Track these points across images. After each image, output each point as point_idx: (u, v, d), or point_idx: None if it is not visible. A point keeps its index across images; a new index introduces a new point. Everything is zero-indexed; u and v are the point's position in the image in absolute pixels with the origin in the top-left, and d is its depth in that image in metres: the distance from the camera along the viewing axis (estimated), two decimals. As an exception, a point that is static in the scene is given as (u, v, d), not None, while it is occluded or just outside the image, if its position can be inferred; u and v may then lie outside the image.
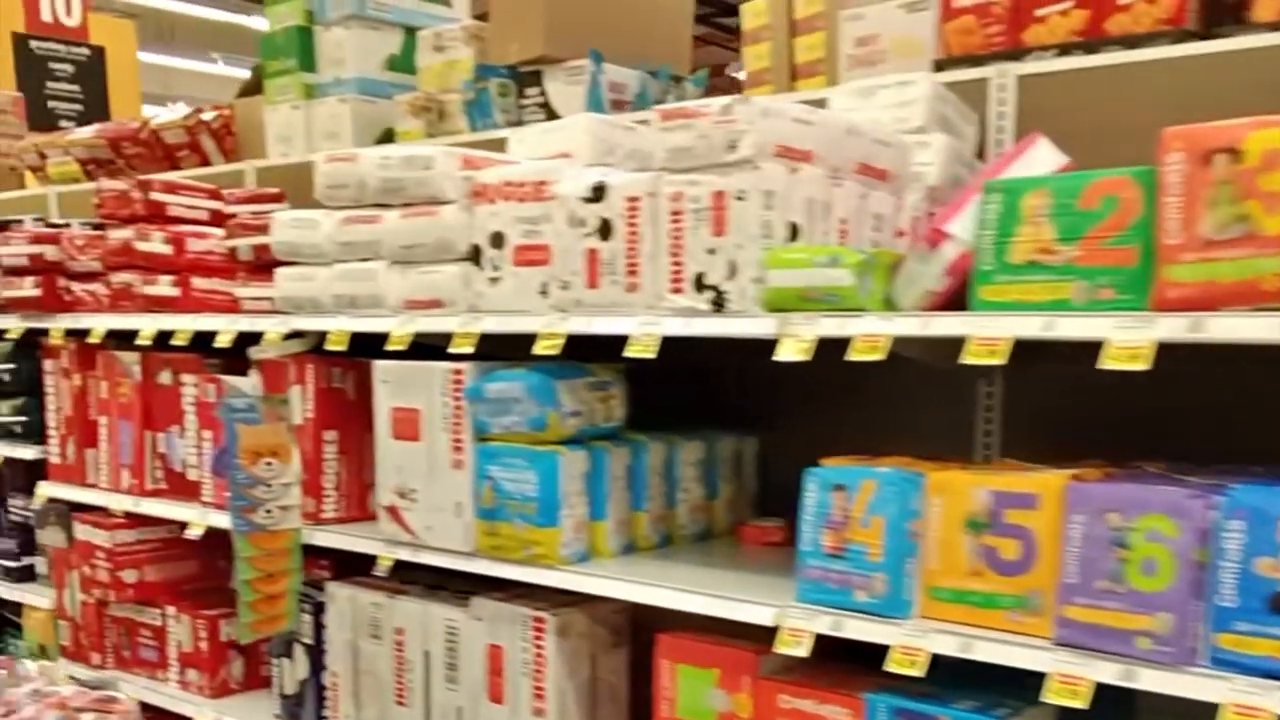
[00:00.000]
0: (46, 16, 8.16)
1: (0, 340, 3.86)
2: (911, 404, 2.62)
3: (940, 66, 2.65)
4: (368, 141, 4.08)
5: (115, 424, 3.61)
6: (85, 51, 8.32)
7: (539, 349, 2.45)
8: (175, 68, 14.98)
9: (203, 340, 3.25)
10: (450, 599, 2.90)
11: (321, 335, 2.93)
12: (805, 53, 3.24)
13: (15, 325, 3.78)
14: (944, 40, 2.70)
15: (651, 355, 2.28)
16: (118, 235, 3.41)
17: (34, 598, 4.07)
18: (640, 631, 2.75)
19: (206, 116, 4.72)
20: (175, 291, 3.26)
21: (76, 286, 3.63)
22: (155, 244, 3.25)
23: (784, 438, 2.94)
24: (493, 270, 2.58)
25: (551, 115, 3.54)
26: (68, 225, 3.82)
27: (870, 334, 2.04)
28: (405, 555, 2.83)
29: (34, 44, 8.09)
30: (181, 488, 3.48)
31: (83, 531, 3.70)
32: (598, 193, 2.36)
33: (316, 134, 4.18)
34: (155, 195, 3.34)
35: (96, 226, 3.80)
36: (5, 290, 3.73)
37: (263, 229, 3.00)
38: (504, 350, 2.61)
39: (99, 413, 3.66)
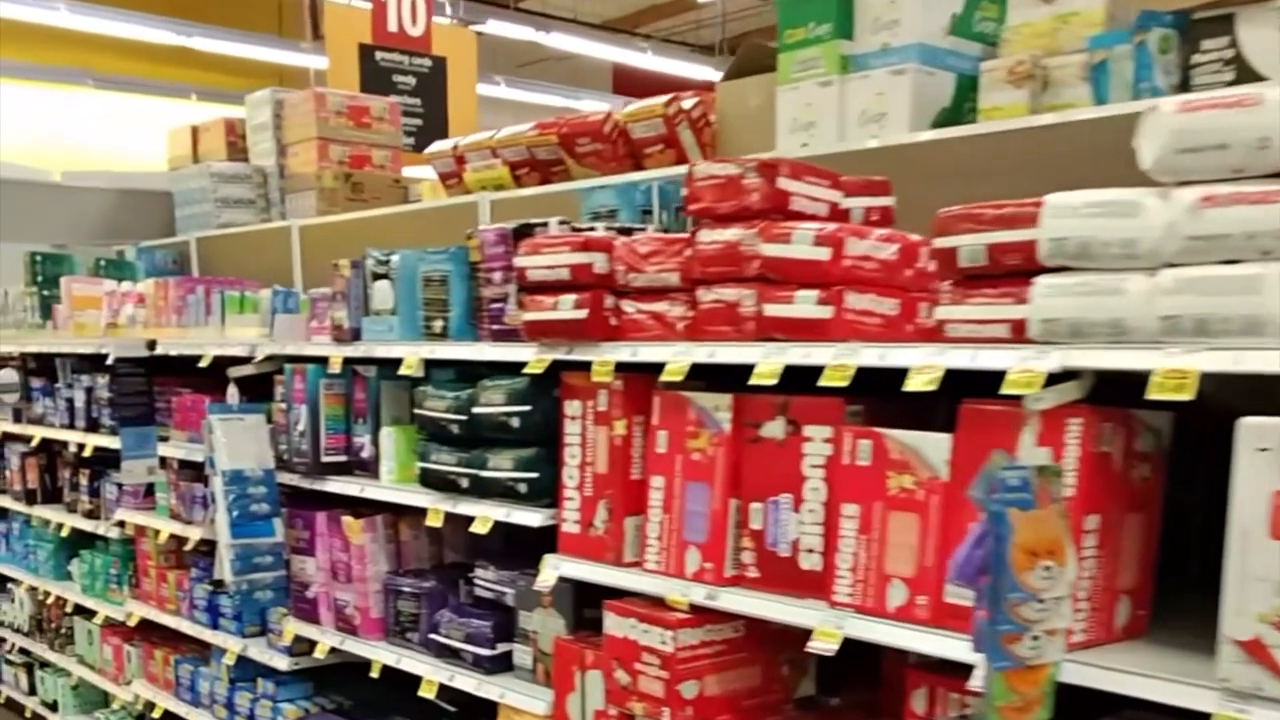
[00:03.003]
0: (393, 26, 7.67)
1: (517, 375, 3.04)
2: None
3: None
4: (923, 124, 3.17)
5: (679, 487, 2.74)
6: (427, 63, 7.84)
7: None
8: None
9: (795, 378, 2.38)
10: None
11: (1116, 376, 1.96)
12: None
13: (538, 357, 2.95)
14: None
15: None
16: (717, 237, 2.53)
17: (518, 697, 3.23)
18: None
19: (687, 104, 3.91)
20: (824, 312, 2.35)
21: (630, 306, 2.78)
22: (799, 247, 2.36)
23: None
24: None
25: (1245, 74, 2.59)
26: (591, 229, 3.00)
27: None
28: (1270, 715, 1.82)
29: (379, 55, 7.62)
30: (785, 578, 2.57)
31: (619, 625, 2.83)
32: None
33: (853, 117, 3.30)
34: (782, 182, 2.46)
35: (621, 231, 2.98)
36: (528, 313, 2.92)
37: (1010, 221, 2.05)
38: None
39: (653, 471, 2.80)
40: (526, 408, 3.03)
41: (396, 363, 3.55)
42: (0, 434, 6.15)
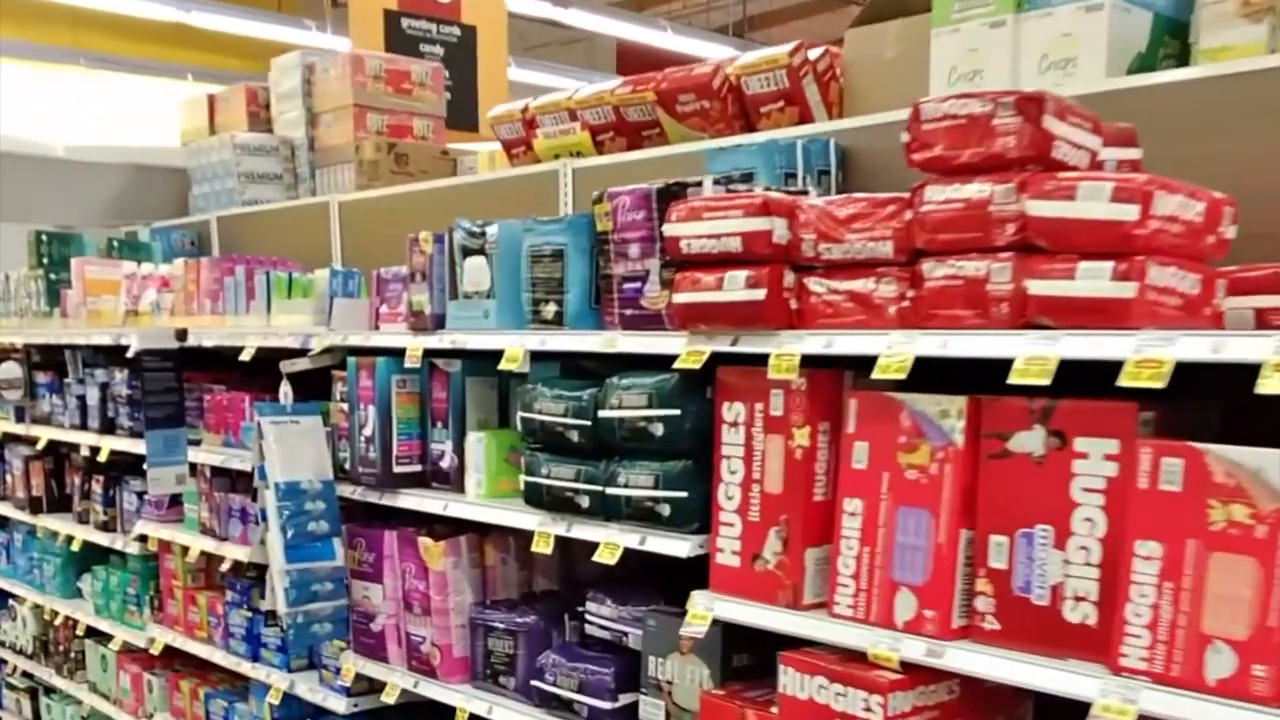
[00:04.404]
0: (420, -10, 7.07)
1: (659, 372, 2.46)
2: None
3: None
4: (1118, 71, 2.63)
5: (886, 513, 2.18)
6: (456, 32, 7.23)
7: None
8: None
9: (1062, 376, 1.83)
10: None
11: None
12: None
13: (691, 348, 2.38)
14: None
15: None
16: (955, 194, 1.97)
17: (649, 761, 2.67)
18: None
19: (813, 54, 3.35)
20: (1122, 290, 1.78)
21: (819, 285, 2.22)
22: (1090, 204, 1.80)
23: None
24: None
25: None
26: (767, 186, 2.42)
27: None
28: None
29: (406, 22, 7.02)
30: (1039, 633, 2.01)
31: (802, 684, 2.27)
32: None
33: (1029, 63, 2.77)
34: (1048, 123, 1.89)
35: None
36: (681, 293, 2.34)
37: None
38: None
39: (847, 492, 2.23)
40: (673, 411, 2.46)
41: (484, 356, 2.98)
42: (0, 435, 5.54)
